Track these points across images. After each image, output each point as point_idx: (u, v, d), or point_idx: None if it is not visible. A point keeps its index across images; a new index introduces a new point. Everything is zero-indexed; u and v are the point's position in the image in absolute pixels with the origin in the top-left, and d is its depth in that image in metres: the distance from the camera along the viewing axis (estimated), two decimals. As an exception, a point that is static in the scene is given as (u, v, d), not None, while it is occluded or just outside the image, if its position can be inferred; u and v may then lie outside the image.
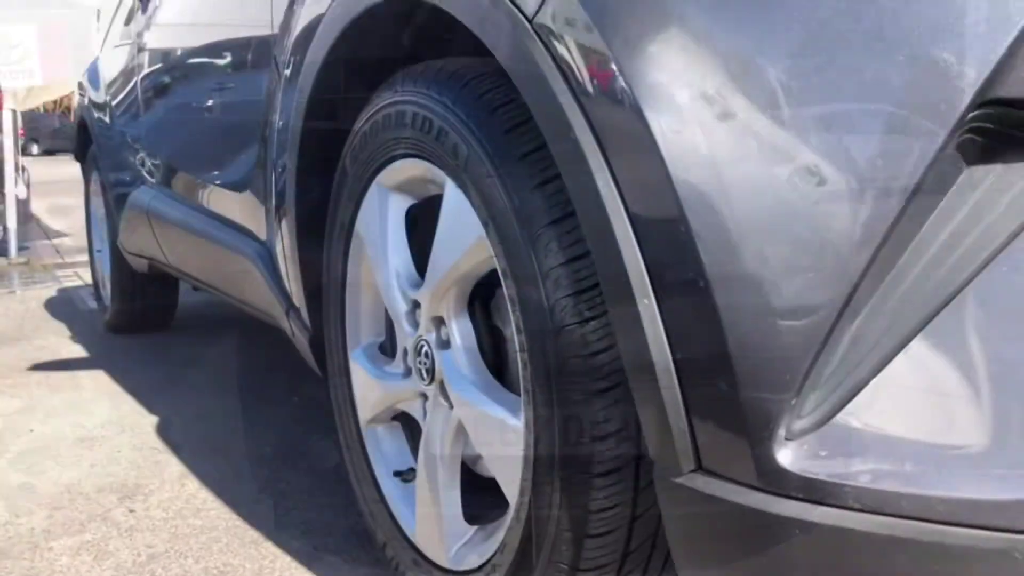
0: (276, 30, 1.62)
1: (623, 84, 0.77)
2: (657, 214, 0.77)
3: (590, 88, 0.81)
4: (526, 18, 0.86)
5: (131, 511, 1.70)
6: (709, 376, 0.76)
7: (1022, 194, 0.70)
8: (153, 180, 2.64)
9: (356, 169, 1.27)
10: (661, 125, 0.75)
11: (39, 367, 2.90)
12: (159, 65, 2.52)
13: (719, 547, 0.80)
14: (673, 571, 0.88)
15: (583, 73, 0.81)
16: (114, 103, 3.04)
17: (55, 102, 42.82)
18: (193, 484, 1.83)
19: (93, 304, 4.13)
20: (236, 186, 1.89)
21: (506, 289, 0.97)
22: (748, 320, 0.73)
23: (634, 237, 0.79)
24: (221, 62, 2.08)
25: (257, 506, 1.71)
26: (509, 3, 0.88)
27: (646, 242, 0.78)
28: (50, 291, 4.86)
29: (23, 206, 6.40)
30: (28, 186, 6.76)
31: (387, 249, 1.23)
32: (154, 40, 2.57)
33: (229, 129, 1.98)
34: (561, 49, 0.83)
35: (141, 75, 2.67)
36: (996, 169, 0.71)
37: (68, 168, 10.06)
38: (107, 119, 3.14)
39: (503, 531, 1.05)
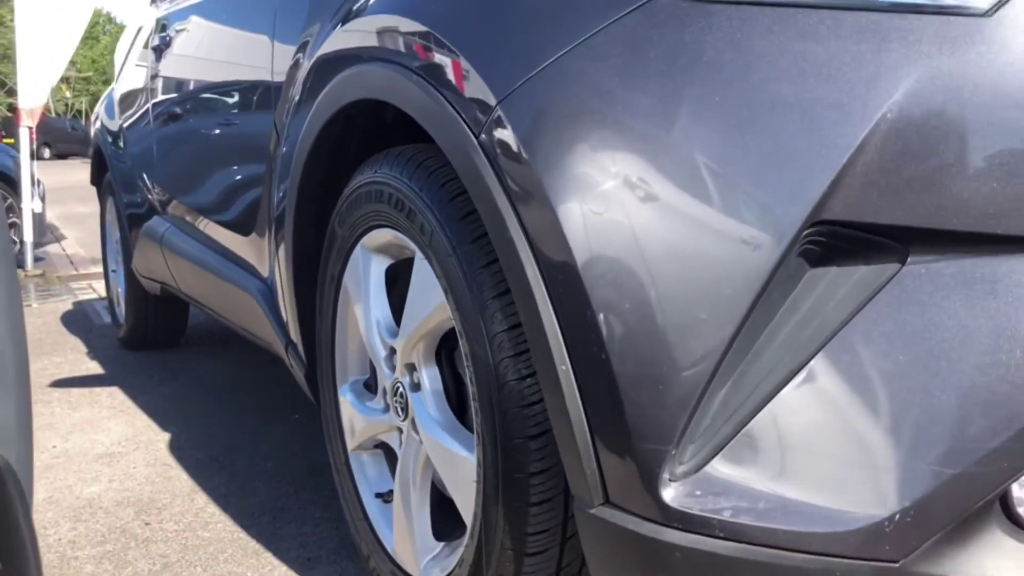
0: (273, 77, 1.82)
1: (544, 193, 0.97)
2: (571, 300, 0.96)
3: (520, 194, 1.00)
4: (473, 134, 1.06)
5: (146, 524, 1.90)
6: (611, 428, 0.95)
7: (850, 293, 0.89)
8: (165, 211, 2.85)
9: (344, 232, 1.47)
10: (573, 228, 0.95)
11: (59, 383, 3.11)
12: (171, 105, 2.72)
13: (624, 566, 0.99)
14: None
15: (515, 182, 1.01)
16: (128, 136, 3.25)
17: (67, 106, 43.14)
18: (202, 498, 2.03)
19: (107, 318, 4.33)
20: (242, 227, 2.09)
21: (462, 346, 1.17)
22: (638, 386, 0.92)
23: (555, 316, 0.98)
24: (228, 105, 2.28)
25: (259, 519, 1.90)
26: (461, 121, 1.07)
27: (564, 320, 0.97)
28: (66, 304, 5.06)
29: (39, 219, 6.62)
30: (43, 199, 6.98)
31: (369, 302, 1.43)
32: (165, 82, 2.77)
33: (236, 172, 2.18)
34: (499, 161, 1.02)
35: (153, 114, 2.87)
36: (832, 271, 0.90)
37: (80, 173, 10.18)
38: (122, 150, 3.34)
39: (462, 548, 1.24)
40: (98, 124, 3.77)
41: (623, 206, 0.92)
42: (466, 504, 1.21)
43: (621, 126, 0.93)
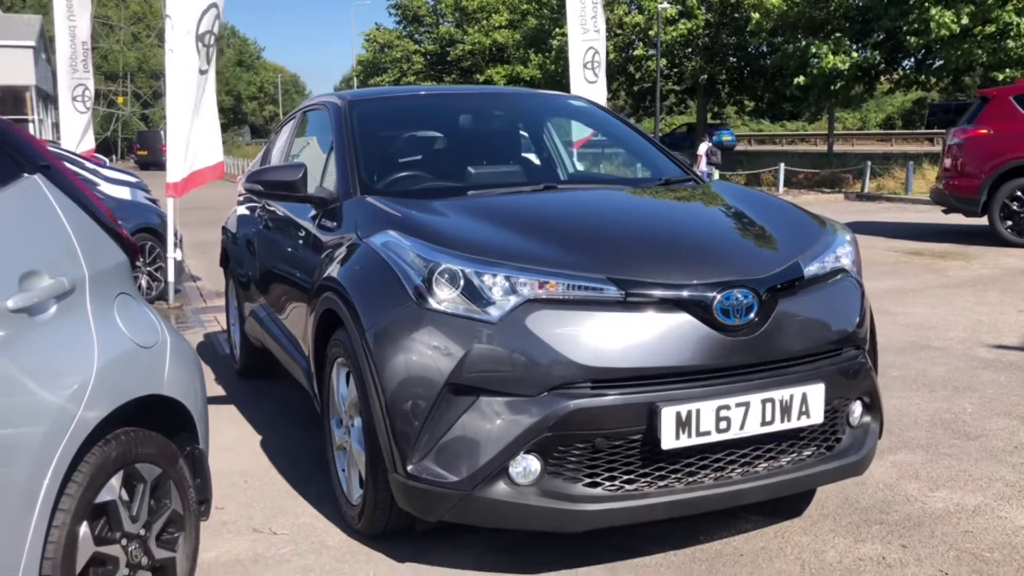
0: (314, 256, 3.71)
1: (375, 360, 2.85)
2: (386, 402, 2.83)
3: (374, 360, 2.88)
4: (360, 335, 2.94)
5: (245, 481, 3.84)
6: (396, 445, 2.82)
7: (456, 406, 2.74)
8: (262, 303, 4.81)
9: (330, 354, 3.36)
10: (386, 371, 2.82)
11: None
12: (265, 246, 4.67)
13: (401, 495, 2.86)
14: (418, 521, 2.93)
15: (369, 353, 2.89)
16: (243, 251, 5.24)
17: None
18: (274, 470, 3.97)
19: (227, 350, 6.34)
20: (298, 330, 4.02)
21: (362, 412, 3.05)
22: (404, 435, 2.79)
23: (381, 408, 2.85)
24: (296, 262, 4.18)
25: (300, 483, 3.82)
26: (356, 331, 2.96)
27: (387, 408, 2.84)
28: (198, 336, 7.10)
29: (178, 265, 8.78)
30: (182, 248, 9.15)
31: (339, 387, 3.33)
32: (265, 230, 4.73)
33: (297, 305, 4.07)
34: (366, 343, 2.91)
35: (255, 246, 4.84)
36: (461, 397, 2.75)
37: (206, 193, 11.97)
38: (239, 257, 5.35)
39: (364, 491, 3.12)
40: (224, 231, 5.80)
41: (413, 362, 2.79)
42: (364, 471, 3.09)
43: (407, 339, 2.81)
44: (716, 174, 19.54)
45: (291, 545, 3.21)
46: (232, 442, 4.39)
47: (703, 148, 20.35)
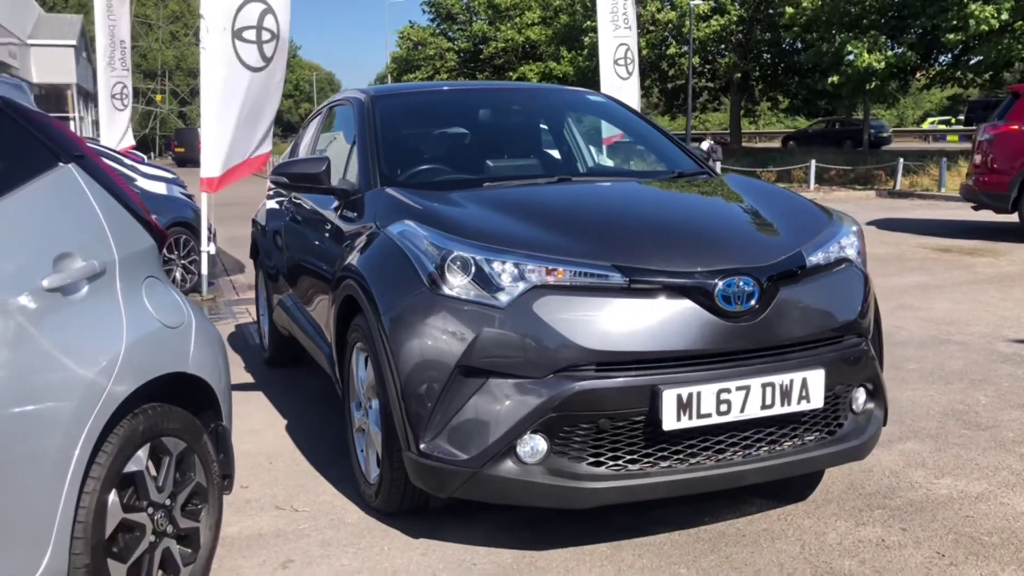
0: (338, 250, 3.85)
1: (391, 342, 2.97)
2: (401, 384, 2.96)
3: (390, 343, 3.01)
4: (376, 318, 3.07)
5: (270, 463, 3.99)
6: (410, 425, 2.94)
7: (465, 387, 2.86)
8: (289, 292, 4.96)
9: (351, 339, 3.49)
10: (402, 353, 2.95)
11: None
12: (291, 238, 4.83)
13: (414, 471, 2.98)
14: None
15: (385, 334, 3.01)
16: (271, 243, 5.40)
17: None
18: (297, 452, 4.11)
19: (256, 340, 6.52)
20: (322, 319, 4.16)
21: (379, 394, 3.18)
22: (417, 416, 2.91)
23: (397, 392, 2.98)
24: (319, 262, 4.32)
25: (323, 463, 3.96)
26: (373, 315, 3.09)
27: (402, 392, 2.97)
28: (230, 327, 7.29)
29: (212, 258, 8.98)
30: (215, 242, 9.34)
31: (358, 371, 3.46)
32: (291, 222, 4.88)
33: (321, 295, 4.21)
34: (382, 325, 3.03)
35: (284, 241, 4.99)
36: (473, 379, 2.87)
37: (242, 189, 12.18)
38: (267, 249, 5.51)
39: (380, 468, 3.25)
40: (255, 224, 5.96)
41: (426, 346, 2.91)
42: (380, 451, 3.22)
43: (421, 324, 2.93)
44: (718, 169, 19.85)
45: (311, 521, 3.36)
46: (259, 426, 4.54)
47: (705, 145, 20.89)
